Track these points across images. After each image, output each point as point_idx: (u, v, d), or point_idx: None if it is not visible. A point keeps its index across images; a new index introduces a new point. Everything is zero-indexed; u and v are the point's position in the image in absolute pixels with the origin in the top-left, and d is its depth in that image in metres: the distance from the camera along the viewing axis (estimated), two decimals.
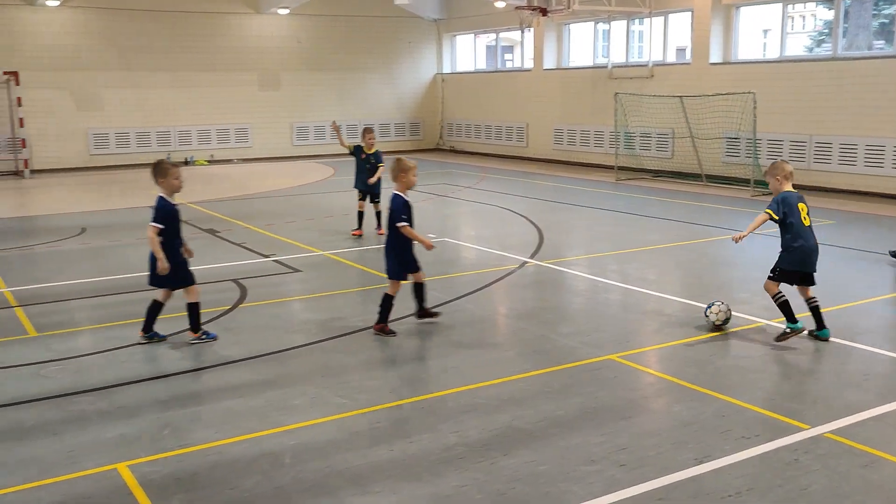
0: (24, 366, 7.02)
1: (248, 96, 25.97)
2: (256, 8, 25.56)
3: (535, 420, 5.72)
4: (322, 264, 10.99)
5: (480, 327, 8.25)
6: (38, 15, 22.65)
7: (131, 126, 24.34)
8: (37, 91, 22.59)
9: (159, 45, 24.24)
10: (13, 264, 11.16)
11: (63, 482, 4.96)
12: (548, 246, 11.98)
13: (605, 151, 22.58)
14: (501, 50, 28.92)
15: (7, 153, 22.56)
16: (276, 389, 6.48)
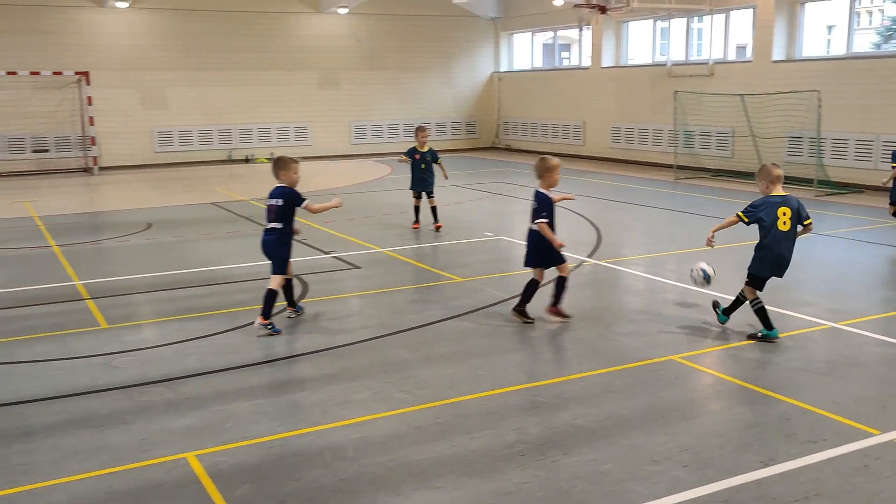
0: (96, 356, 7.25)
1: (308, 95, 26.30)
2: (317, 7, 25.86)
3: (598, 419, 5.70)
4: (381, 261, 11.09)
5: (540, 326, 8.24)
6: (108, 16, 23.27)
7: (194, 124, 24.86)
8: (106, 90, 23.22)
9: (222, 44, 24.69)
10: (84, 258, 11.49)
11: (135, 469, 5.11)
12: (606, 245, 11.91)
13: (663, 150, 22.32)
14: (559, 48, 28.78)
15: (78, 151, 23.24)
16: (338, 383, 6.57)
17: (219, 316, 8.48)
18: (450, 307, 8.70)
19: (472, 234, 13.11)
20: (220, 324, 8.16)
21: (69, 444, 5.48)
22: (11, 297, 9.42)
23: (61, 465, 5.17)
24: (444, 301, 8.97)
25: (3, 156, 22.46)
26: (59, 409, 6.08)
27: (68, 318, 8.52)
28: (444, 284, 9.75)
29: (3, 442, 5.52)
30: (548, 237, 7.96)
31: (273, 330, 7.82)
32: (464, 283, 9.77)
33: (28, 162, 22.82)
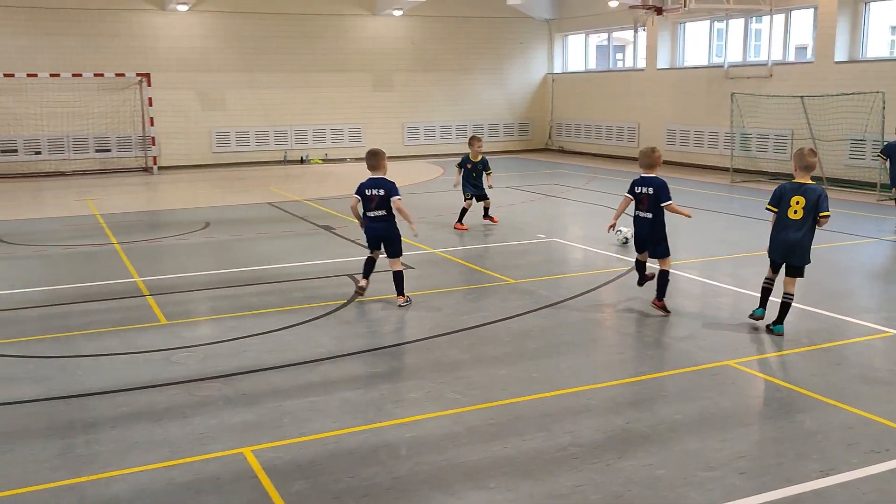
0: (156, 351, 7.42)
1: (362, 97, 26.52)
2: (371, 10, 26.07)
3: (652, 423, 5.66)
4: (433, 262, 11.14)
5: (593, 329, 8.22)
6: (169, 19, 23.78)
7: (251, 125, 25.25)
8: (166, 92, 23.73)
9: (279, 46, 25.04)
10: (144, 256, 11.76)
11: (194, 463, 5.22)
12: None
13: (719, 153, 22.01)
14: (613, 49, 28.55)
15: (138, 150, 23.79)
16: (391, 383, 6.63)
17: (274, 314, 8.61)
18: (502, 309, 8.70)
19: (525, 235, 13.09)
20: (276, 322, 8.29)
21: (131, 436, 5.63)
22: (76, 292, 9.69)
23: (123, 457, 5.30)
24: (497, 303, 8.97)
25: (67, 155, 23.09)
26: (121, 402, 6.24)
27: (130, 313, 8.74)
28: (496, 286, 9.75)
29: (68, 433, 5.69)
30: (682, 213, 8.49)
31: (409, 301, 8.86)
32: (516, 284, 9.76)
33: (91, 161, 23.43)
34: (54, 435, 5.66)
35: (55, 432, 5.71)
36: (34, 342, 7.77)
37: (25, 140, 22.61)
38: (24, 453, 5.38)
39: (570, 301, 8.99)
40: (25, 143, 22.64)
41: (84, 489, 4.90)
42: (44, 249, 12.30)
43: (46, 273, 10.76)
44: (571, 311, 8.62)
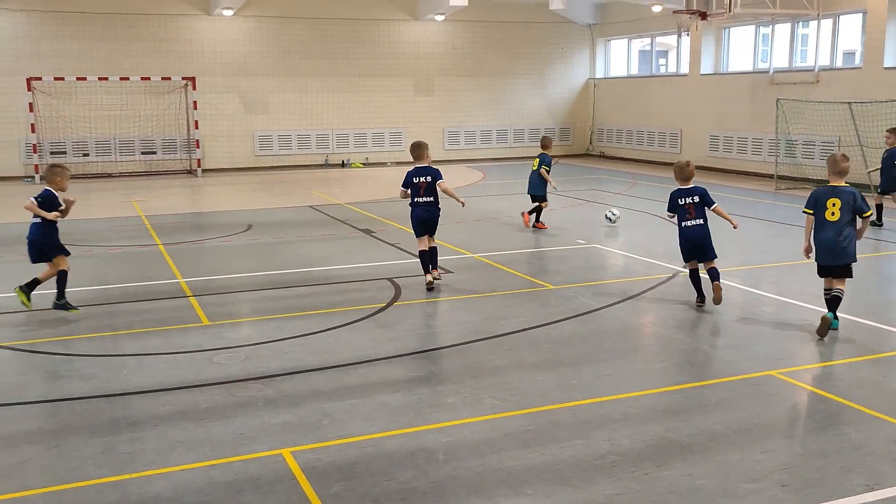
0: (199, 352, 7.53)
1: (403, 101, 26.64)
2: (414, 15, 26.18)
3: (692, 433, 5.60)
4: (473, 266, 11.14)
5: (633, 336, 8.16)
6: (215, 24, 24.13)
7: (293, 129, 25.50)
8: (210, 95, 24.09)
9: (322, 51, 25.27)
10: (188, 257, 11.94)
11: (234, 463, 5.28)
12: None
13: (763, 159, 21.72)
14: (656, 55, 28.33)
15: (183, 153, 24.17)
16: (430, 387, 6.65)
17: (315, 316, 8.69)
18: (541, 314, 8.67)
19: (565, 241, 13.04)
20: (316, 324, 8.36)
21: (173, 435, 5.71)
22: (121, 292, 9.87)
23: (165, 455, 5.39)
24: (536, 308, 8.95)
25: (114, 157, 23.53)
26: (164, 402, 6.35)
27: (173, 314, 8.88)
28: (536, 291, 9.73)
29: (113, 430, 5.80)
30: (729, 219, 8.98)
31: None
32: (556, 290, 9.73)
33: (137, 163, 23.85)
34: (99, 432, 5.77)
35: (100, 429, 5.82)
36: (81, 340, 7.93)
37: (74, 142, 23.09)
38: (70, 449, 5.49)
39: (609, 308, 8.94)
40: (74, 145, 23.12)
41: (127, 486, 4.99)
42: (91, 250, 12.55)
43: (93, 273, 10.97)
44: (611, 318, 8.57)
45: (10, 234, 14.04)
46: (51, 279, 8.80)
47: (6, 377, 6.98)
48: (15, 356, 7.54)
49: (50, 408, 6.28)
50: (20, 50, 22.31)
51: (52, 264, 8.59)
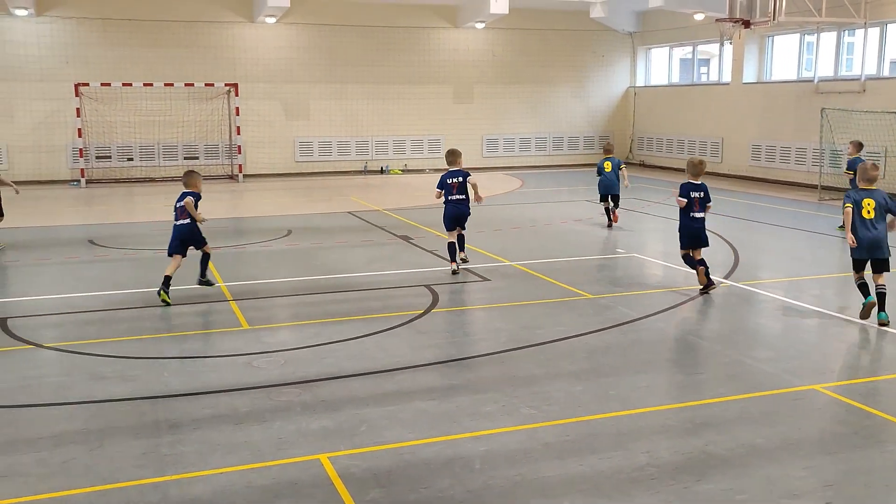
0: (239, 356, 7.61)
1: (443, 108, 26.70)
2: (454, 22, 26.26)
3: (732, 446, 5.53)
4: (510, 274, 11.12)
5: (672, 347, 8.09)
6: (258, 31, 24.43)
7: (333, 135, 25.70)
8: (252, 101, 24.37)
9: (362, 58, 25.44)
10: (228, 261, 12.08)
11: (272, 467, 5.33)
12: (743, 266, 11.52)
13: (807, 170, 21.39)
14: (698, 63, 28.08)
15: (225, 158, 24.48)
16: (466, 395, 6.64)
17: (352, 322, 8.73)
18: (580, 324, 8.63)
19: (604, 250, 12.97)
20: (354, 329, 8.40)
21: (213, 438, 5.78)
22: None
23: (205, 458, 5.45)
24: (574, 317, 8.91)
25: (158, 162, 23.91)
26: (204, 404, 6.42)
27: (214, 317, 8.99)
28: (574, 300, 9.68)
29: (154, 432, 5.88)
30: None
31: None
32: (595, 299, 9.67)
33: (180, 168, 24.13)
34: (141, 434, 5.86)
35: (141, 431, 5.91)
36: (124, 342, 8.06)
37: (119, 147, 23.49)
38: (112, 450, 5.58)
39: (648, 318, 8.86)
40: (119, 150, 23.53)
41: (168, 488, 5.05)
42: (134, 253, 12.75)
43: (136, 276, 11.15)
44: (650, 329, 8.49)
45: (61, 237, 14.33)
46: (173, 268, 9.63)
47: (51, 378, 7.11)
48: (59, 357, 7.69)
49: (93, 408, 6.38)
50: (69, 56, 22.79)
51: (175, 258, 9.78)
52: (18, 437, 5.84)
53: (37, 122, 22.85)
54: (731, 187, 21.72)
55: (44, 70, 22.64)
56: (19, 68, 22.44)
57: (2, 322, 8.75)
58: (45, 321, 9.01)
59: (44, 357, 7.69)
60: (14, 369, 7.27)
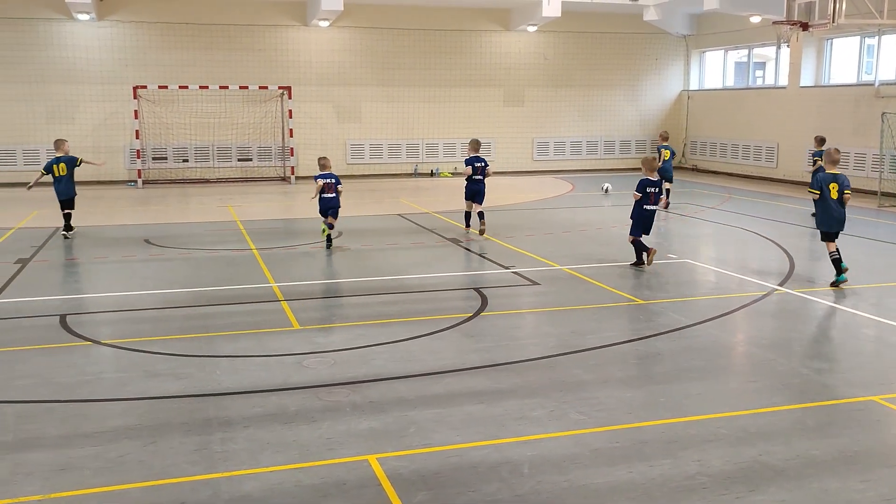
0: (289, 355, 7.69)
1: (493, 111, 26.68)
2: (506, 26, 26.22)
3: (787, 457, 5.41)
4: (560, 279, 11.06)
5: (725, 354, 7.95)
6: (311, 35, 24.69)
7: (384, 138, 25.85)
8: (305, 104, 24.63)
9: (414, 61, 25.56)
10: (280, 262, 12.22)
11: (321, 467, 5.37)
12: (799, 273, 11.29)
13: (866, 175, 20.87)
14: (753, 66, 27.61)
15: (277, 160, 24.79)
16: (515, 399, 6.61)
17: (401, 324, 8.76)
18: (630, 330, 8.55)
19: (656, 255, 12.81)
20: (402, 332, 8.43)
21: (263, 436, 5.85)
22: (216, 294, 10.18)
23: (255, 456, 5.52)
24: (624, 323, 8.82)
25: (212, 163, 24.31)
26: (255, 403, 6.50)
27: (265, 317, 9.10)
28: (624, 306, 9.59)
29: (206, 429, 5.97)
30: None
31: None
32: (646, 305, 9.57)
33: (233, 169, 24.58)
34: (193, 431, 5.95)
35: (193, 428, 6.00)
36: (177, 340, 8.20)
37: (175, 148, 23.94)
38: (166, 446, 5.68)
39: (700, 325, 8.73)
40: (174, 151, 23.97)
41: (219, 485, 5.13)
42: (188, 252, 12.98)
43: (190, 275, 11.35)
44: (702, 336, 8.37)
45: (119, 236, 14.65)
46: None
47: (107, 374, 7.27)
48: (116, 353, 7.85)
49: (147, 405, 6.50)
50: (128, 59, 23.30)
51: (331, 217, 13.18)
52: (77, 431, 5.98)
53: (97, 123, 23.42)
54: (787, 193, 21.30)
55: (104, 73, 23.20)
56: (81, 71, 23.02)
57: (62, 319, 8.97)
58: (103, 318, 9.22)
59: (101, 353, 7.86)
60: (74, 365, 7.45)
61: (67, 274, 11.59)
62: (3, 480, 5.18)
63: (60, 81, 22.95)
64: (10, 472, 5.30)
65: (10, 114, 22.75)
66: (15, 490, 5.05)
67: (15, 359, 7.62)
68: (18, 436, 5.89)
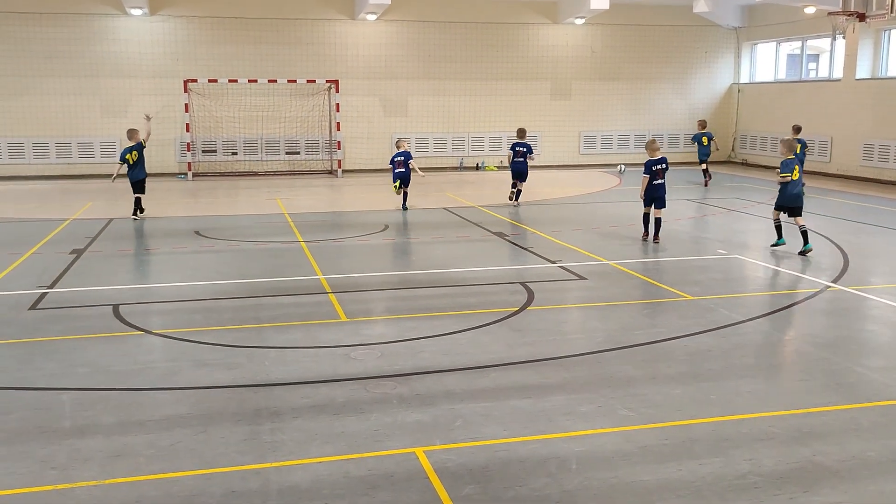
0: (337, 347, 7.75)
1: (540, 105, 26.53)
2: (554, 18, 26.04)
3: (841, 458, 5.31)
4: (607, 273, 10.97)
5: (777, 352, 7.82)
6: (359, 28, 24.81)
7: (430, 131, 25.87)
8: (352, 98, 24.76)
9: (461, 55, 25.52)
10: (327, 254, 12.32)
11: (369, 458, 5.41)
12: (854, 270, 11.04)
13: None
14: (806, 59, 27.03)
15: (324, 154, 24.98)
16: (562, 394, 6.58)
17: (448, 317, 8.78)
18: (679, 326, 8.44)
19: (705, 250, 12.66)
20: (449, 325, 8.44)
21: (312, 427, 5.91)
22: (266, 286, 10.29)
23: (304, 447, 5.58)
24: (674, 319, 8.72)
25: (260, 156, 24.59)
26: (304, 394, 6.57)
27: (314, 309, 9.18)
28: (673, 301, 9.48)
29: (255, 419, 6.05)
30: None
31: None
32: (695, 301, 9.44)
33: (281, 163, 24.82)
34: (242, 420, 6.04)
35: (243, 418, 6.08)
36: (228, 331, 8.32)
37: (224, 141, 24.25)
38: (216, 436, 5.77)
39: (751, 322, 8.60)
40: (224, 145, 24.28)
41: (268, 475, 5.19)
42: (237, 244, 13.15)
43: (240, 267, 11.49)
44: (753, 333, 8.24)
45: (169, 228, 14.90)
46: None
47: (159, 363, 7.40)
48: (167, 343, 7.99)
49: (198, 394, 6.61)
50: (179, 53, 23.65)
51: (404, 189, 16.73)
52: (131, 418, 6.10)
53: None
54: (841, 188, 20.85)
55: (156, 67, 23.57)
56: (134, 65, 23.43)
57: (115, 308, 9.16)
58: (155, 308, 9.39)
59: (153, 343, 8.01)
60: (127, 354, 7.60)
61: (120, 264, 11.82)
62: (62, 466, 5.31)
63: (114, 75, 23.38)
64: (68, 457, 5.44)
65: (66, 107, 23.26)
66: (73, 475, 5.18)
67: (72, 347, 7.80)
68: (76, 422, 6.03)
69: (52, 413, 6.22)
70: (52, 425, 5.97)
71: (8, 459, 5.41)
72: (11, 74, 22.75)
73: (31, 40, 22.72)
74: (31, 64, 22.81)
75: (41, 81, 22.95)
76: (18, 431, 5.85)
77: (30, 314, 8.98)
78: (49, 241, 13.35)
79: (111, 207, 17.16)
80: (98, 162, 23.53)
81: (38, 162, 23.06)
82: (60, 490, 5.00)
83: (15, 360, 7.43)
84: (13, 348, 7.80)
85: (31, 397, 6.56)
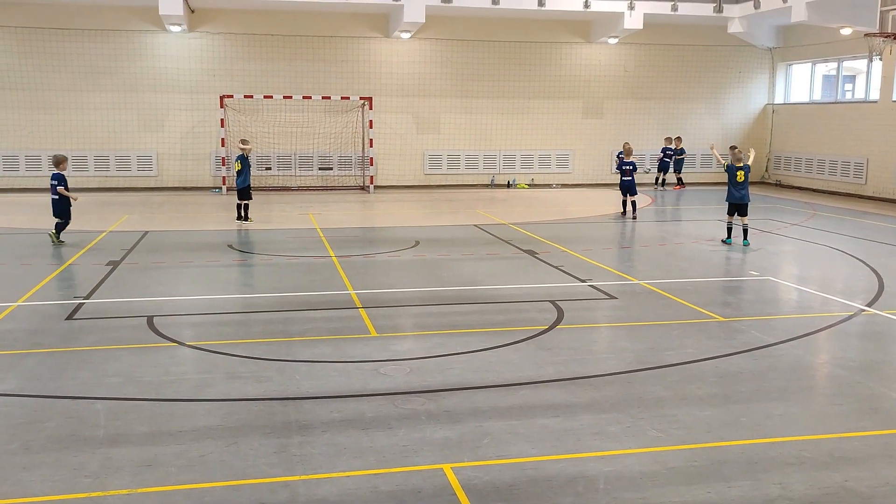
0: (367, 362, 7.80)
1: (572, 123, 26.55)
2: (587, 37, 26.08)
3: (874, 484, 5.24)
4: (638, 293, 10.92)
5: (809, 375, 7.73)
6: (393, 46, 25.03)
7: (462, 148, 25.98)
8: (385, 115, 24.97)
9: (494, 73, 25.64)
10: (358, 269, 12.40)
11: (397, 473, 5.43)
12: (889, 294, 10.89)
13: None
14: (842, 80, 26.78)
15: (357, 170, 25.18)
16: (591, 414, 6.57)
17: (477, 334, 8.80)
18: (710, 347, 8.39)
19: (737, 272, 12.56)
20: (478, 342, 8.46)
21: (340, 441, 5.94)
22: (296, 300, 10.38)
23: (332, 461, 5.62)
24: (704, 340, 8.66)
25: (293, 172, 24.84)
26: (333, 408, 6.62)
27: (343, 324, 9.25)
28: (704, 322, 9.42)
29: (285, 432, 6.10)
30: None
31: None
32: (726, 323, 9.37)
33: (314, 178, 25.05)
34: (272, 433, 6.09)
35: (273, 431, 6.14)
36: (258, 344, 8.40)
37: (258, 157, 24.53)
38: (246, 448, 5.83)
39: (783, 344, 8.52)
40: (258, 160, 24.56)
41: (297, 487, 5.23)
42: (270, 258, 13.28)
43: (272, 281, 11.61)
44: (785, 355, 8.16)
45: (203, 241, 15.09)
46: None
47: (191, 375, 7.50)
48: (199, 355, 8.09)
49: (229, 406, 6.69)
50: (216, 70, 24.03)
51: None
52: (162, 429, 6.18)
53: (184, 131, 24.19)
54: (877, 210, 20.58)
55: (193, 82, 23.97)
56: (171, 81, 23.85)
57: (149, 320, 9.30)
58: (187, 320, 9.51)
59: (185, 355, 8.11)
60: (160, 365, 7.71)
61: (154, 277, 11.99)
62: (94, 473, 5.40)
63: (152, 91, 23.81)
64: (101, 465, 5.52)
65: (105, 121, 23.71)
66: (105, 483, 5.26)
67: (106, 357, 7.92)
68: (108, 431, 6.13)
69: (85, 422, 6.32)
70: (86, 434, 6.07)
71: (43, 467, 5.51)
72: (55, 89, 23.29)
73: (75, 56, 23.24)
74: (73, 79, 23.33)
75: (82, 96, 23.45)
76: (53, 439, 5.96)
77: (66, 324, 9.15)
78: (86, 252, 13.59)
79: (147, 220, 17.43)
80: (134, 175, 23.94)
81: (77, 174, 23.46)
82: (93, 498, 5.08)
83: (50, 370, 7.57)
84: (49, 357, 7.95)
85: (65, 406, 6.68)
